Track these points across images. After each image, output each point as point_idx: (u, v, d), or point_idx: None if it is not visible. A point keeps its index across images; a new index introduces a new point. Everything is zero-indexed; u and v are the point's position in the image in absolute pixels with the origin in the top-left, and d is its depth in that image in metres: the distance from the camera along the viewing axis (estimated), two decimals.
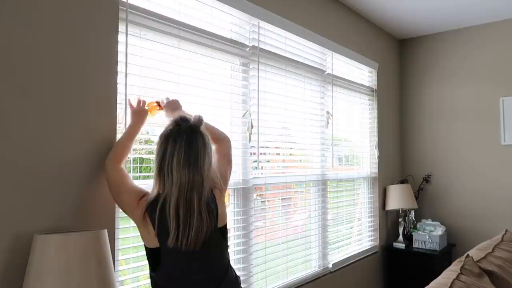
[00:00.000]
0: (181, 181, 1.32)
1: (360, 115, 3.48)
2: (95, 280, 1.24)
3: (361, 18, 3.43)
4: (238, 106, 2.23)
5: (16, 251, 1.30)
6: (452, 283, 1.53)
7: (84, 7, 1.50)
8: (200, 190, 1.35)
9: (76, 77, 1.47)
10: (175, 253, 1.34)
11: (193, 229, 1.32)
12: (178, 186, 1.32)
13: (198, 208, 1.34)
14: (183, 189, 1.32)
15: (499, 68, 3.53)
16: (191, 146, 1.34)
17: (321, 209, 2.87)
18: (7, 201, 1.28)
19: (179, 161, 1.32)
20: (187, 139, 1.35)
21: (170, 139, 1.35)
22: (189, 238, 1.32)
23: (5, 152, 1.28)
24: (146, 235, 1.36)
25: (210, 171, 1.41)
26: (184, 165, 1.33)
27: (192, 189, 1.33)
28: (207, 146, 1.39)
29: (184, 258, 1.35)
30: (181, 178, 1.32)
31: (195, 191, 1.34)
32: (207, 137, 1.41)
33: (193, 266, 1.37)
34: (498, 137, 3.51)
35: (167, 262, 1.35)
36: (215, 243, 1.42)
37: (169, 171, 1.33)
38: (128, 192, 1.41)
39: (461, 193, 3.69)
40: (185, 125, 1.38)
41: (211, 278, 1.40)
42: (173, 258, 1.35)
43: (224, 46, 2.11)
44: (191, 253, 1.35)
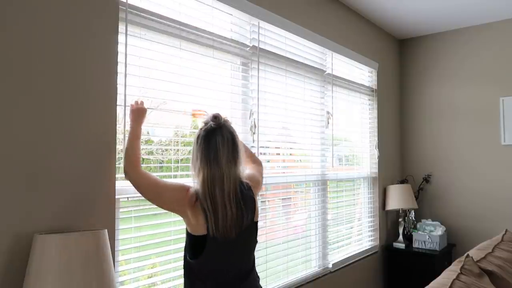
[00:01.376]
0: (203, 175, 1.43)
1: (360, 115, 3.48)
2: (95, 280, 1.24)
3: (361, 18, 3.43)
4: (238, 106, 2.23)
5: (16, 251, 1.30)
6: (452, 283, 1.53)
7: (83, 7, 1.49)
8: (221, 184, 1.43)
9: (76, 77, 1.47)
10: (216, 241, 1.43)
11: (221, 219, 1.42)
12: (202, 179, 1.44)
13: (221, 200, 1.42)
14: (206, 182, 1.43)
15: (499, 68, 3.53)
16: (209, 144, 1.45)
17: (321, 209, 2.87)
18: (7, 201, 1.28)
19: (201, 158, 1.45)
20: (205, 138, 1.46)
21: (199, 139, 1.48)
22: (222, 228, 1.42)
23: (5, 152, 1.28)
24: (195, 223, 1.43)
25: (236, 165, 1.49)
26: (204, 161, 1.44)
27: (213, 182, 1.43)
28: (225, 141, 1.47)
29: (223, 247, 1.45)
30: (203, 173, 1.44)
31: (217, 184, 1.43)
32: (226, 133, 1.49)
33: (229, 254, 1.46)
34: (498, 137, 3.51)
35: (209, 249, 1.43)
36: (249, 235, 1.53)
37: (196, 167, 1.46)
38: (171, 188, 1.48)
39: (461, 193, 3.69)
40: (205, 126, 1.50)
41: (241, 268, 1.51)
42: (214, 246, 1.43)
43: (224, 46, 2.11)
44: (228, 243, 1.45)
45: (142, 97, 1.72)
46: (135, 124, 1.58)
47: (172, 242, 1.86)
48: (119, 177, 1.63)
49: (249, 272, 1.54)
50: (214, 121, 1.49)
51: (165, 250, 1.82)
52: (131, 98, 1.67)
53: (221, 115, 1.51)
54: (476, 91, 3.64)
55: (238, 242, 1.48)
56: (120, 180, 1.64)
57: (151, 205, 1.83)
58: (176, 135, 1.95)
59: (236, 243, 1.47)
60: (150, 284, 1.78)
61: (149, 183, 1.47)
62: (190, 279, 1.48)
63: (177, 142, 1.95)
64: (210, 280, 1.45)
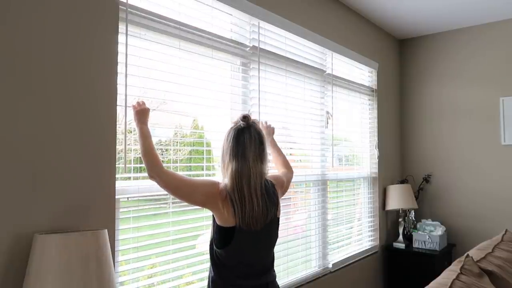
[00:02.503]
0: (232, 170, 1.53)
1: (360, 115, 3.48)
2: (95, 280, 1.24)
3: (361, 18, 3.43)
4: (238, 106, 2.23)
5: (16, 251, 1.30)
6: (452, 283, 1.53)
7: (84, 8, 1.49)
8: (248, 179, 1.53)
9: (76, 77, 1.47)
10: (243, 232, 1.52)
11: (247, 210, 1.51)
12: (230, 174, 1.53)
13: (248, 194, 1.52)
14: (235, 177, 1.52)
15: (499, 68, 3.53)
16: (238, 141, 1.56)
17: (321, 209, 2.87)
18: (7, 201, 1.28)
19: (230, 154, 1.55)
20: (235, 136, 1.57)
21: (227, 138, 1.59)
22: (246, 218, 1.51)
23: (5, 152, 1.28)
24: (226, 216, 1.51)
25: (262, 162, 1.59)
26: (233, 157, 1.54)
27: (241, 177, 1.52)
28: (252, 140, 1.57)
29: (249, 238, 1.54)
30: (232, 168, 1.53)
31: (244, 179, 1.52)
32: (254, 132, 1.59)
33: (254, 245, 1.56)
34: (498, 137, 3.51)
35: (237, 240, 1.52)
36: (273, 229, 1.64)
37: (226, 163, 1.57)
38: (202, 185, 1.55)
39: (461, 193, 3.69)
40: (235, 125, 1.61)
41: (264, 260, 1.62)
42: (241, 236, 1.52)
43: (224, 46, 2.11)
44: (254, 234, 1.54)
45: (142, 98, 1.72)
46: (141, 124, 1.60)
47: (172, 242, 1.86)
48: (119, 177, 1.63)
49: (270, 266, 1.66)
50: (244, 121, 1.59)
51: (165, 250, 1.82)
52: (132, 98, 1.67)
53: (250, 116, 1.62)
54: (476, 91, 3.64)
55: (262, 234, 1.57)
56: (120, 180, 1.64)
57: (151, 205, 1.83)
58: (176, 135, 1.95)
59: (261, 235, 1.57)
60: (150, 284, 1.78)
61: (178, 182, 1.52)
62: (217, 267, 1.57)
63: (177, 142, 1.95)
64: (236, 268, 1.55)
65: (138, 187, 1.71)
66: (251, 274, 1.58)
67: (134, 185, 1.70)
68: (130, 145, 1.71)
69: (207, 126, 2.10)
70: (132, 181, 1.71)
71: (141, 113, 1.62)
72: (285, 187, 1.85)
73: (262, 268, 1.62)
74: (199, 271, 1.98)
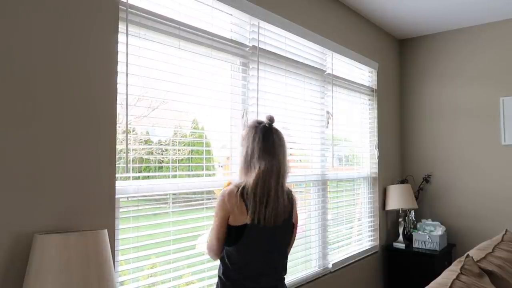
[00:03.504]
0: (260, 168, 1.56)
1: (360, 115, 3.48)
2: (95, 280, 1.24)
3: (361, 18, 3.43)
4: (238, 106, 2.23)
5: (16, 251, 1.30)
6: (452, 283, 1.53)
7: (83, 7, 1.49)
8: (277, 175, 1.58)
9: (76, 77, 1.47)
10: (256, 230, 1.54)
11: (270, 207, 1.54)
12: (257, 171, 1.56)
13: (275, 190, 1.56)
14: (262, 174, 1.55)
15: (499, 68, 3.53)
16: (268, 141, 1.60)
17: (321, 209, 2.87)
18: (7, 201, 1.28)
19: (259, 153, 1.58)
20: (264, 136, 1.61)
21: (250, 138, 1.62)
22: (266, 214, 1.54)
23: (5, 152, 1.28)
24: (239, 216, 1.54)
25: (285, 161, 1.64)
26: (264, 156, 1.58)
27: (270, 174, 1.56)
28: (281, 139, 1.65)
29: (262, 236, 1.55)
30: (260, 166, 1.56)
31: (273, 177, 1.57)
32: (280, 132, 1.67)
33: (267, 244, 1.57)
34: (498, 137, 3.51)
35: (248, 237, 1.53)
36: (286, 231, 1.65)
37: (252, 161, 1.59)
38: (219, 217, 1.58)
39: (461, 193, 3.69)
40: (261, 125, 1.64)
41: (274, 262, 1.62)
42: (254, 234, 1.54)
43: (224, 46, 2.10)
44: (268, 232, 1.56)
45: (142, 97, 1.72)
46: None
47: (172, 242, 1.86)
48: (119, 177, 1.63)
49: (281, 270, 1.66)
50: (270, 121, 1.65)
51: (165, 250, 1.82)
52: (132, 97, 1.67)
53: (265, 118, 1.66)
54: (476, 91, 3.64)
55: (277, 233, 1.59)
56: (120, 180, 1.64)
57: (150, 205, 1.84)
58: (176, 135, 1.95)
59: (275, 234, 1.58)
60: (150, 284, 1.78)
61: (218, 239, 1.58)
62: (224, 264, 1.59)
63: (177, 142, 1.95)
64: (246, 269, 1.56)
65: (138, 187, 1.71)
66: (261, 276, 1.58)
67: (134, 185, 1.70)
68: (130, 145, 1.71)
69: (207, 126, 2.10)
70: (132, 181, 1.71)
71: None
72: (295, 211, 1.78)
73: (273, 271, 1.61)
74: (199, 271, 1.98)
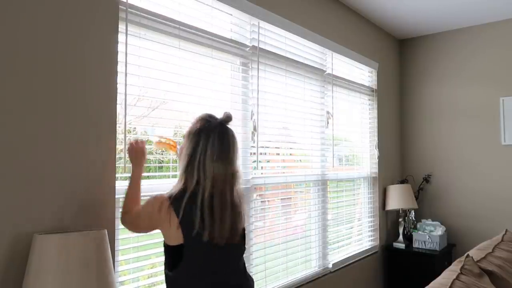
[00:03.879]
0: (214, 175, 1.35)
1: (360, 115, 3.48)
2: (95, 280, 1.24)
3: (361, 18, 3.43)
4: (238, 106, 2.23)
5: (16, 251, 1.30)
6: (452, 283, 1.52)
7: (83, 7, 1.49)
8: (232, 184, 1.39)
9: (76, 77, 1.47)
10: (203, 248, 1.33)
11: (228, 222, 1.34)
12: (212, 179, 1.34)
13: (231, 201, 1.37)
14: (217, 182, 1.35)
15: (499, 68, 3.53)
16: (224, 141, 1.39)
17: (321, 209, 2.87)
18: (7, 201, 1.28)
19: (213, 155, 1.35)
20: (219, 134, 1.38)
21: (202, 135, 1.38)
22: (224, 230, 1.33)
23: (5, 152, 1.28)
24: (171, 232, 1.33)
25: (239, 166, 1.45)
26: (217, 159, 1.36)
27: (225, 182, 1.37)
28: (235, 142, 1.44)
29: (211, 253, 1.34)
30: (214, 172, 1.35)
31: (227, 185, 1.37)
32: (234, 133, 1.46)
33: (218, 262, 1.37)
34: (498, 137, 3.51)
35: (190, 258, 1.32)
36: (241, 243, 1.46)
37: (201, 165, 1.35)
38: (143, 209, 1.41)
39: (461, 193, 3.69)
40: (215, 121, 1.42)
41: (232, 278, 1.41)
42: (199, 253, 1.33)
43: (224, 46, 2.10)
44: (219, 249, 1.35)
45: (142, 97, 1.72)
46: (133, 166, 1.52)
47: None
48: (119, 177, 1.63)
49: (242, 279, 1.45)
50: (227, 120, 1.43)
51: None
52: (132, 97, 1.67)
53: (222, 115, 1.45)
54: (476, 91, 3.64)
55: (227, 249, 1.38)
56: (120, 180, 1.64)
57: None
58: (176, 135, 1.95)
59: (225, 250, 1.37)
60: (150, 284, 1.78)
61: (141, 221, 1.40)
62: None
63: (178, 142, 1.95)
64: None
65: None
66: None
67: None
68: None
69: None
70: None
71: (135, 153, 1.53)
72: None
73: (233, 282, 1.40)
74: None
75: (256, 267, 2.29)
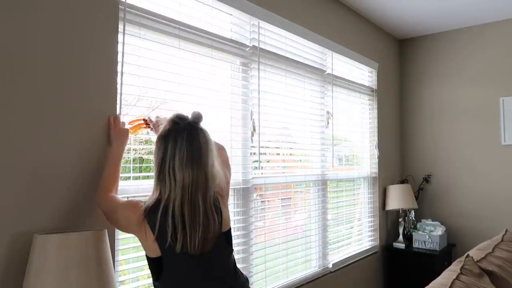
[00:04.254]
0: (184, 182, 1.25)
1: (360, 115, 3.48)
2: (95, 280, 1.24)
3: (361, 18, 3.43)
4: (238, 106, 2.23)
5: (16, 251, 1.30)
6: (452, 283, 1.53)
7: (83, 7, 1.49)
8: (205, 190, 1.29)
9: (76, 76, 1.47)
10: (179, 259, 1.27)
11: (200, 231, 1.26)
12: (182, 186, 1.25)
13: (204, 209, 1.28)
14: (187, 189, 1.26)
15: (499, 68, 3.53)
16: (193, 144, 1.28)
17: (321, 209, 2.87)
18: (7, 201, 1.28)
19: (181, 160, 1.26)
20: (188, 137, 1.28)
21: (170, 139, 1.28)
22: (196, 240, 1.25)
23: (5, 152, 1.28)
24: (148, 244, 1.28)
25: (214, 169, 1.33)
26: (186, 164, 1.26)
27: (196, 189, 1.27)
28: (209, 142, 1.33)
29: (189, 264, 1.28)
30: (184, 178, 1.25)
31: (200, 191, 1.28)
32: (207, 133, 1.35)
33: (198, 271, 1.30)
34: (498, 137, 3.51)
35: (170, 269, 1.28)
36: (220, 248, 1.36)
37: (171, 172, 1.26)
38: (122, 206, 1.33)
39: (461, 193, 3.69)
40: (184, 122, 1.32)
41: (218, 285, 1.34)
42: (177, 264, 1.28)
43: (224, 46, 2.10)
44: (197, 258, 1.29)
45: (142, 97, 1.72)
46: (114, 145, 1.47)
47: None
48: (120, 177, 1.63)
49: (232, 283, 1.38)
50: (197, 119, 1.33)
51: None
52: (132, 97, 1.67)
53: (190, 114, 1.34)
54: (476, 91, 3.64)
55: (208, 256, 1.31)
56: (120, 180, 1.64)
57: None
58: None
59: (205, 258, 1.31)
60: (149, 284, 1.78)
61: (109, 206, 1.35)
62: None
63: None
64: None
65: (138, 187, 1.71)
66: None
67: (134, 185, 1.70)
68: (130, 145, 1.71)
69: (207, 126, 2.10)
70: (132, 181, 1.71)
71: (119, 136, 1.48)
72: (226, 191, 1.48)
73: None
74: None
75: (256, 267, 2.29)
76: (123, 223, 1.33)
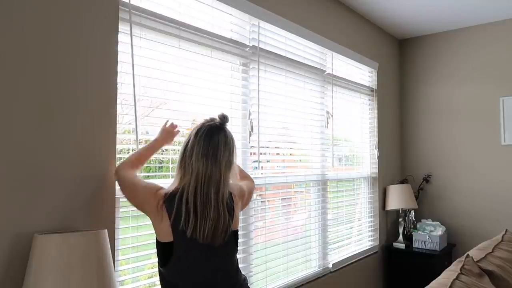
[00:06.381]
0: (198, 172, 1.37)
1: (360, 115, 3.48)
2: (95, 280, 1.24)
3: (361, 18, 3.43)
4: (238, 106, 2.23)
5: (16, 251, 1.30)
6: (452, 283, 1.53)
7: (83, 7, 1.49)
8: (217, 185, 1.38)
9: (76, 76, 1.47)
10: (189, 246, 1.34)
11: (210, 221, 1.34)
12: (196, 176, 1.37)
13: (215, 202, 1.36)
14: (200, 179, 1.36)
15: (499, 68, 3.53)
16: (211, 140, 1.40)
17: (321, 209, 2.87)
18: (7, 201, 1.28)
19: (198, 152, 1.38)
20: (207, 133, 1.41)
21: (194, 134, 1.43)
22: (206, 229, 1.33)
23: (5, 152, 1.28)
24: (161, 228, 1.35)
25: (231, 170, 1.44)
26: (202, 156, 1.38)
27: (209, 182, 1.37)
28: (228, 143, 1.44)
29: (197, 252, 1.35)
30: (198, 169, 1.37)
31: (212, 185, 1.37)
32: (231, 135, 1.47)
33: (205, 261, 1.36)
34: (498, 137, 3.51)
35: (179, 256, 1.34)
36: (229, 244, 1.43)
37: (188, 161, 1.39)
38: (143, 187, 1.41)
39: (461, 193, 3.69)
40: (211, 122, 1.46)
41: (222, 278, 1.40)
42: (186, 250, 1.34)
43: (224, 46, 2.10)
44: (205, 249, 1.35)
45: (142, 97, 1.72)
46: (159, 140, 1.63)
47: None
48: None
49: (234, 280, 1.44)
50: (222, 120, 1.46)
51: None
52: (131, 97, 1.67)
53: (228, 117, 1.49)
54: (476, 91, 3.64)
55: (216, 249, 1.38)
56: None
57: None
58: None
59: (213, 250, 1.37)
60: (150, 284, 1.78)
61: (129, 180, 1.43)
62: None
63: (177, 142, 1.95)
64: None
65: None
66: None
67: None
68: (130, 145, 1.71)
69: None
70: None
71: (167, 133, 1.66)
72: (246, 199, 1.61)
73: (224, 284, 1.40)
74: None
75: (256, 267, 2.29)
76: (139, 202, 1.41)
